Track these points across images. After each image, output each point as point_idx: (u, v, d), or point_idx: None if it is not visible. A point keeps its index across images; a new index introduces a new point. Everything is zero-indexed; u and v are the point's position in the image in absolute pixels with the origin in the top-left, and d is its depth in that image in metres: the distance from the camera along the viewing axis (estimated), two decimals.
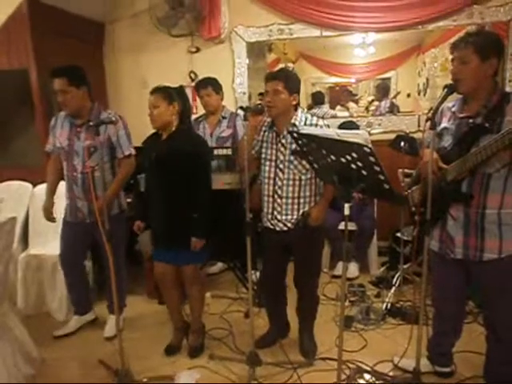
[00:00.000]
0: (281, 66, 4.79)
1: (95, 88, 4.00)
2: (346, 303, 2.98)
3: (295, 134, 1.86)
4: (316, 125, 2.18)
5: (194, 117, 3.47)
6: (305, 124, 2.17)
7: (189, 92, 3.82)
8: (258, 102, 2.13)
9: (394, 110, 4.47)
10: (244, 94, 3.96)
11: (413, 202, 2.12)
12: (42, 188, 2.78)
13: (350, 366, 2.32)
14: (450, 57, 1.82)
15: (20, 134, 2.66)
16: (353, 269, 3.50)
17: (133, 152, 2.60)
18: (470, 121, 1.78)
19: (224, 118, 3.25)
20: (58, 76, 2.41)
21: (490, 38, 1.77)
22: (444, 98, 1.75)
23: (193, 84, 3.76)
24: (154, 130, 2.40)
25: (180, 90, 2.40)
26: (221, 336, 2.69)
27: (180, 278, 2.50)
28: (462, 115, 1.83)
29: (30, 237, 3.16)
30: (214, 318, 2.95)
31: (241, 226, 2.06)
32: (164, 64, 4.01)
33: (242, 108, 2.04)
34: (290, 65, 4.94)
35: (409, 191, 2.16)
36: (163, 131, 2.35)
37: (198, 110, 3.73)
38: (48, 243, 2.92)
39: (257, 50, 4.10)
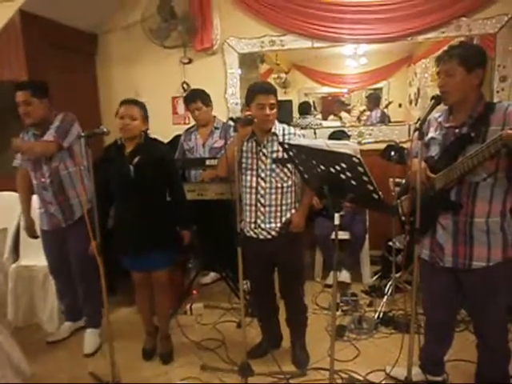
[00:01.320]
0: (273, 76, 4.84)
1: (88, 99, 4.07)
2: (339, 313, 2.98)
3: (286, 145, 1.88)
4: (294, 134, 2.25)
5: (185, 127, 3.51)
6: (283, 133, 2.23)
7: (182, 103, 3.83)
8: (248, 112, 2.14)
9: (384, 119, 4.50)
10: (236, 104, 3.98)
11: (402, 211, 2.14)
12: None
13: (343, 375, 2.31)
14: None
15: (11, 145, 2.67)
16: (345, 276, 3.50)
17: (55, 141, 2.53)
18: (456, 131, 1.81)
19: (216, 128, 3.26)
20: (22, 89, 2.49)
21: (473, 49, 1.80)
22: (431, 109, 1.78)
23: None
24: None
25: (144, 106, 2.45)
26: (213, 346, 2.67)
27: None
28: (447, 125, 1.86)
29: (20, 248, 3.13)
30: (206, 328, 2.94)
31: (232, 235, 2.07)
32: (157, 75, 4.04)
33: (232, 119, 2.06)
34: (283, 75, 4.99)
35: (398, 201, 2.19)
36: (129, 142, 2.37)
37: (190, 121, 3.74)
38: (39, 254, 2.89)
39: (249, 61, 4.13)
